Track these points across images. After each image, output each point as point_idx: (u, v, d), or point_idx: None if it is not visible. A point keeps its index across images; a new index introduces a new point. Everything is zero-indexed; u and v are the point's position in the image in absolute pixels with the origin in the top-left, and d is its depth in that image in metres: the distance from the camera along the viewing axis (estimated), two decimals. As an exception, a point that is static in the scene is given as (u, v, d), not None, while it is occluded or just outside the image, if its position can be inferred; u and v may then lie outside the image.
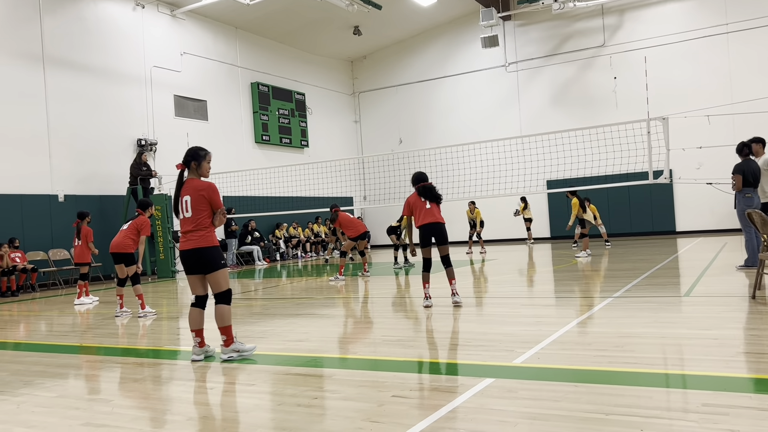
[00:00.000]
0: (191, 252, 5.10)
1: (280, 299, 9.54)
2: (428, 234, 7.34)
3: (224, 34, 19.86)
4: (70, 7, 15.36)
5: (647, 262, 11.67)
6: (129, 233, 8.47)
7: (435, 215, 7.35)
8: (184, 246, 5.17)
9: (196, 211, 5.09)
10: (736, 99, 18.44)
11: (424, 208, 7.39)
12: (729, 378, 3.83)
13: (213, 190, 5.14)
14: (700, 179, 15.83)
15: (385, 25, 22.32)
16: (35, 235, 14.07)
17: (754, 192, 9.07)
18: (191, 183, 5.18)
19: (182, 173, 5.26)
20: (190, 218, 5.11)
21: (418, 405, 3.60)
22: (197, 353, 5.23)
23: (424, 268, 7.48)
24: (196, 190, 5.12)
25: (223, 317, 5.11)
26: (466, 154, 17.26)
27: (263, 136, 20.81)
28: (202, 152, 5.27)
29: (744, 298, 6.74)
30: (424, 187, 7.46)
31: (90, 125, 15.52)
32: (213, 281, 5.13)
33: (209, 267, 5.10)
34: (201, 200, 5.09)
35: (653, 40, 20.00)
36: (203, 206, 5.10)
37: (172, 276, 15.46)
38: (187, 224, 5.13)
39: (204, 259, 5.08)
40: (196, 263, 5.12)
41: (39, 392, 4.44)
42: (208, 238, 5.12)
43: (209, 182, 5.24)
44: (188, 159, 5.24)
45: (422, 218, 7.38)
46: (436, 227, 7.33)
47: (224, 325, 5.12)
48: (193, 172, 5.24)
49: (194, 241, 5.08)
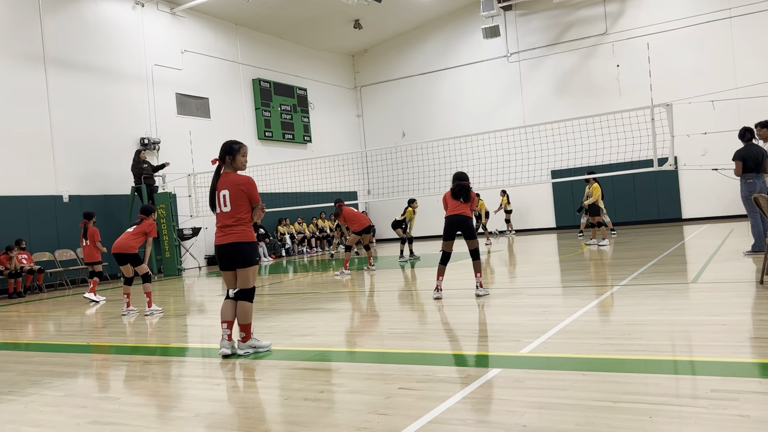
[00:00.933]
0: (229, 246, 5.06)
1: (286, 294, 9.54)
2: (452, 226, 7.49)
3: (224, 31, 19.83)
4: (70, 7, 15.36)
5: (654, 249, 11.61)
6: (134, 235, 8.40)
7: (461, 209, 7.51)
8: (221, 240, 5.11)
9: (235, 206, 5.06)
10: (740, 84, 18.31)
11: (454, 203, 7.59)
12: (738, 363, 3.80)
13: (252, 184, 5.12)
14: (705, 165, 15.75)
15: (385, 18, 22.24)
16: (41, 236, 14.12)
17: (756, 177, 9.00)
18: (228, 177, 5.14)
19: (219, 168, 5.22)
20: (229, 213, 5.06)
21: (425, 396, 3.59)
22: (226, 347, 5.10)
23: (442, 260, 7.58)
24: (235, 184, 5.08)
25: (246, 314, 5.10)
26: (469, 145, 17.20)
27: (266, 133, 20.80)
28: (237, 146, 5.24)
29: (752, 283, 6.69)
30: (460, 186, 7.61)
31: (92, 125, 15.54)
32: (243, 277, 5.09)
33: (244, 262, 5.07)
34: (240, 195, 5.05)
35: (655, 26, 19.86)
36: (242, 200, 5.07)
37: (178, 274, 15.49)
38: (226, 218, 5.08)
39: (241, 254, 5.05)
40: (232, 258, 5.08)
41: (46, 391, 4.45)
42: (248, 233, 5.09)
43: (248, 176, 5.20)
44: (223, 154, 5.21)
45: (450, 210, 7.58)
46: (461, 220, 7.46)
47: (246, 322, 5.11)
48: (228, 166, 5.21)
49: (233, 236, 5.04)
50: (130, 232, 8.47)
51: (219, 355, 5.11)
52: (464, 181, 7.65)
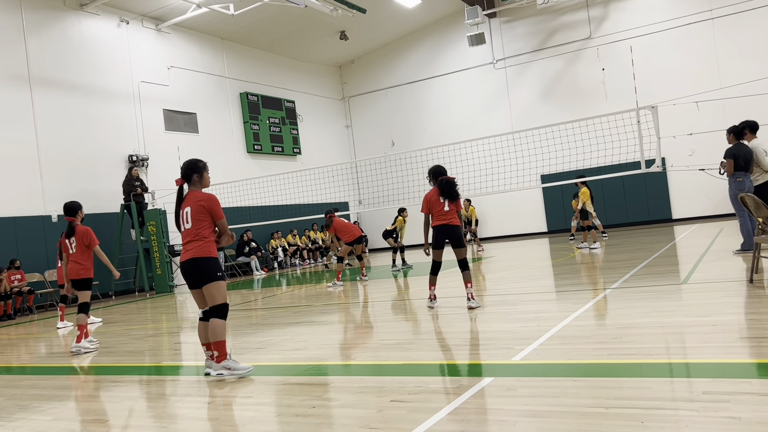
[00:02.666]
0: (189, 263, 4.98)
1: (279, 308, 9.49)
2: (442, 236, 7.11)
3: (211, 46, 19.84)
4: (55, 27, 15.32)
5: (644, 251, 11.65)
6: (78, 257, 7.23)
7: (450, 217, 7.08)
8: (182, 258, 5.06)
9: (195, 221, 4.99)
10: (724, 84, 18.47)
11: (441, 208, 7.09)
12: (729, 364, 3.80)
13: (213, 200, 5.05)
14: (692, 166, 15.84)
15: (371, 28, 22.32)
16: (30, 257, 14.00)
17: (745, 176, 9.06)
18: (192, 195, 5.09)
19: (181, 188, 5.13)
20: (190, 229, 5.00)
21: (417, 408, 3.56)
22: (209, 366, 5.04)
23: (432, 270, 7.31)
24: (197, 201, 5.03)
25: (215, 332, 4.92)
26: (458, 153, 17.25)
27: (255, 146, 20.78)
28: (201, 163, 5.19)
29: (742, 282, 6.72)
30: (447, 181, 7.09)
31: (80, 143, 15.47)
32: (207, 293, 4.96)
33: (204, 278, 4.95)
34: (201, 210, 4.99)
35: (639, 29, 20.04)
36: (203, 216, 5.00)
37: (170, 291, 15.39)
38: (188, 235, 5.02)
39: (201, 269, 4.94)
40: (192, 275, 4.99)
41: (35, 416, 4.39)
42: (206, 248, 4.98)
43: (210, 193, 5.16)
44: (189, 172, 5.14)
45: (437, 219, 7.12)
46: (450, 230, 7.08)
47: (216, 340, 4.92)
48: (195, 184, 5.16)
49: (191, 252, 4.96)
50: (74, 253, 7.30)
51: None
52: (447, 176, 7.15)
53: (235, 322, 8.28)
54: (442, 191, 7.10)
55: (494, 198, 21.21)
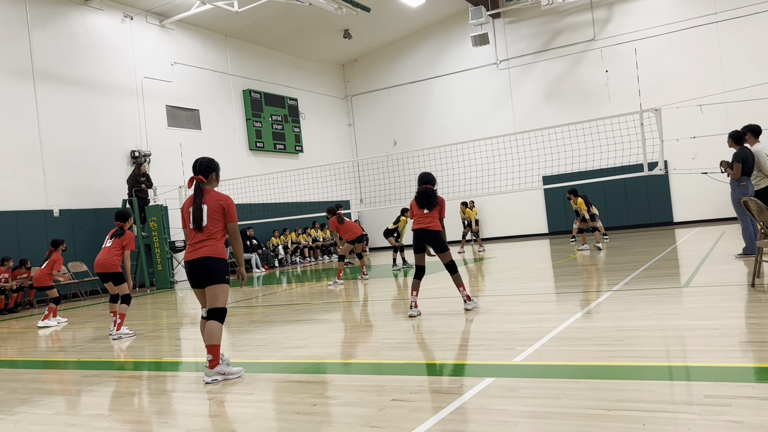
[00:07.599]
0: (198, 261, 4.90)
1: (279, 306, 9.50)
2: (419, 240, 7.08)
3: (214, 43, 19.83)
4: (59, 21, 15.33)
5: (646, 254, 11.65)
6: (114, 249, 7.82)
7: (427, 222, 7.02)
8: (190, 256, 4.94)
9: (212, 221, 4.95)
10: (728, 87, 18.45)
11: (420, 212, 7.12)
12: (730, 368, 3.80)
13: (231, 202, 5.05)
14: (695, 169, 15.83)
15: (374, 27, 22.31)
16: (32, 252, 13.97)
17: (748, 180, 9.06)
18: (212, 193, 5.05)
19: (198, 185, 5.07)
20: (206, 227, 4.93)
21: (418, 408, 3.57)
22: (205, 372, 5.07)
23: (416, 274, 7.21)
24: (216, 199, 5.00)
25: (213, 335, 4.81)
26: (461, 153, 17.24)
27: (257, 143, 20.78)
28: (216, 162, 5.25)
29: (743, 286, 6.71)
30: (420, 192, 7.14)
31: (83, 138, 15.48)
32: (210, 294, 4.89)
33: (212, 278, 4.88)
34: (219, 209, 4.97)
35: (643, 32, 20.02)
36: (220, 216, 4.97)
37: (170, 287, 15.40)
38: (201, 233, 4.93)
39: (209, 269, 4.88)
40: (201, 274, 4.91)
41: (36, 410, 4.40)
42: (218, 249, 4.93)
43: (228, 195, 5.15)
44: (208, 170, 5.13)
45: (415, 223, 7.13)
46: (428, 234, 7.01)
47: (212, 343, 4.81)
48: (211, 182, 5.16)
49: (203, 250, 4.89)
50: (108, 247, 7.86)
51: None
52: (428, 185, 7.12)
53: (236, 319, 8.28)
54: (417, 200, 7.17)
55: (496, 198, 21.22)
